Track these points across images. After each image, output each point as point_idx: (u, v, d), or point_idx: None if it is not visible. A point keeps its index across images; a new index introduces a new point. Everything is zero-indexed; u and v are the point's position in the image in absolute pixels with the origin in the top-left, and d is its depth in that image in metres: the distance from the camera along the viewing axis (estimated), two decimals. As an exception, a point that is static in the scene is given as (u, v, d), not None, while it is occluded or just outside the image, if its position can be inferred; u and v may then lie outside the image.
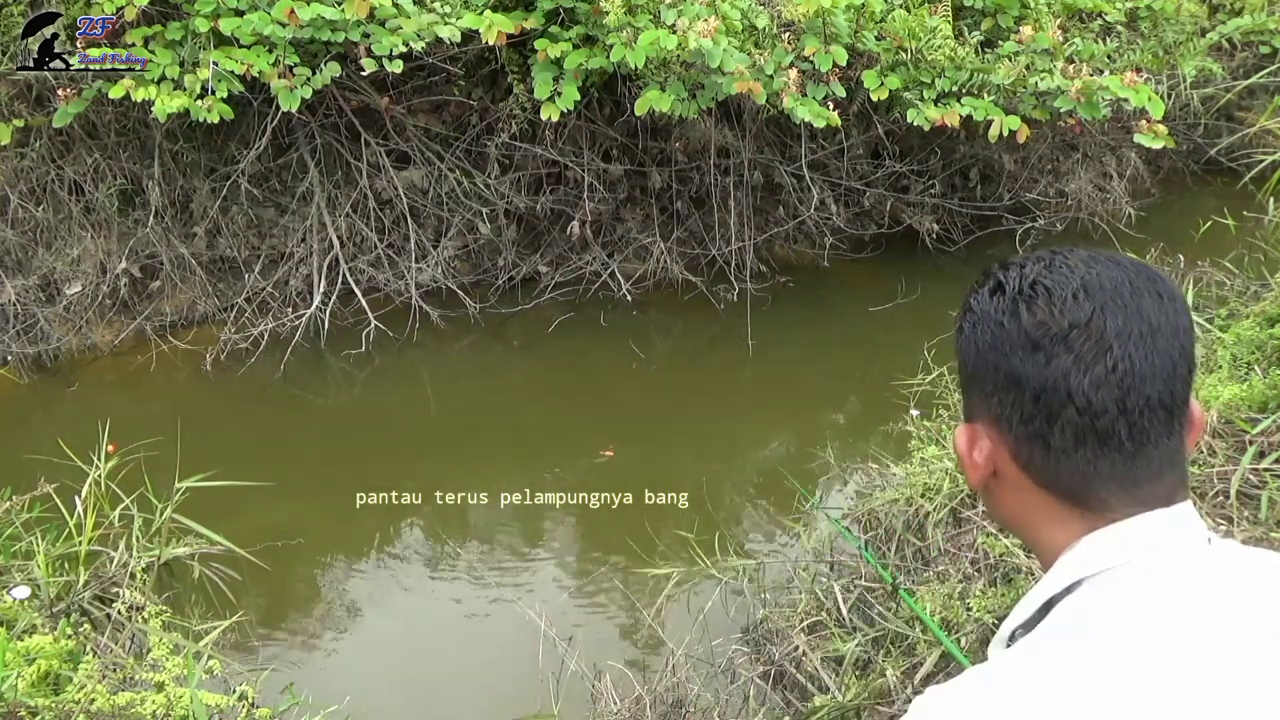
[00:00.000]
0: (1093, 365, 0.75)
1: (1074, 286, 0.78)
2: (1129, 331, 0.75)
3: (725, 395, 4.43)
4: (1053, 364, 0.76)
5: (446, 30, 3.85)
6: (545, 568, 3.40)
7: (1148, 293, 0.77)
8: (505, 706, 2.64)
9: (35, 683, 2.10)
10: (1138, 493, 0.77)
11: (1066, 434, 0.77)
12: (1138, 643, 0.71)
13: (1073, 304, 0.77)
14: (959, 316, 0.85)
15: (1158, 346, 0.76)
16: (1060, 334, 0.76)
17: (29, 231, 4.36)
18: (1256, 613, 0.73)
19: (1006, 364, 0.79)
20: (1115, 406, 0.75)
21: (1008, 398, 0.79)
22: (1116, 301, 0.76)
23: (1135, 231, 5.11)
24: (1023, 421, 0.78)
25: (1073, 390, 0.75)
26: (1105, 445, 0.76)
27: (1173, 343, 0.76)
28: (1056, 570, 0.79)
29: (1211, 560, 0.77)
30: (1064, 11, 4.68)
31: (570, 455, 4.01)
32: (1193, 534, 0.78)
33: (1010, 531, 0.90)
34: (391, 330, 4.53)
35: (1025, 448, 0.79)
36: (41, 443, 3.16)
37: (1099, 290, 0.77)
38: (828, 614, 2.57)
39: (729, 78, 3.84)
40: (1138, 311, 0.76)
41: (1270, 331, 2.87)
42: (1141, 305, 0.77)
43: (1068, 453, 0.77)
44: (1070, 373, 0.75)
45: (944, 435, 3.00)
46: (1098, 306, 0.76)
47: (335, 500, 3.71)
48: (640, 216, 5.03)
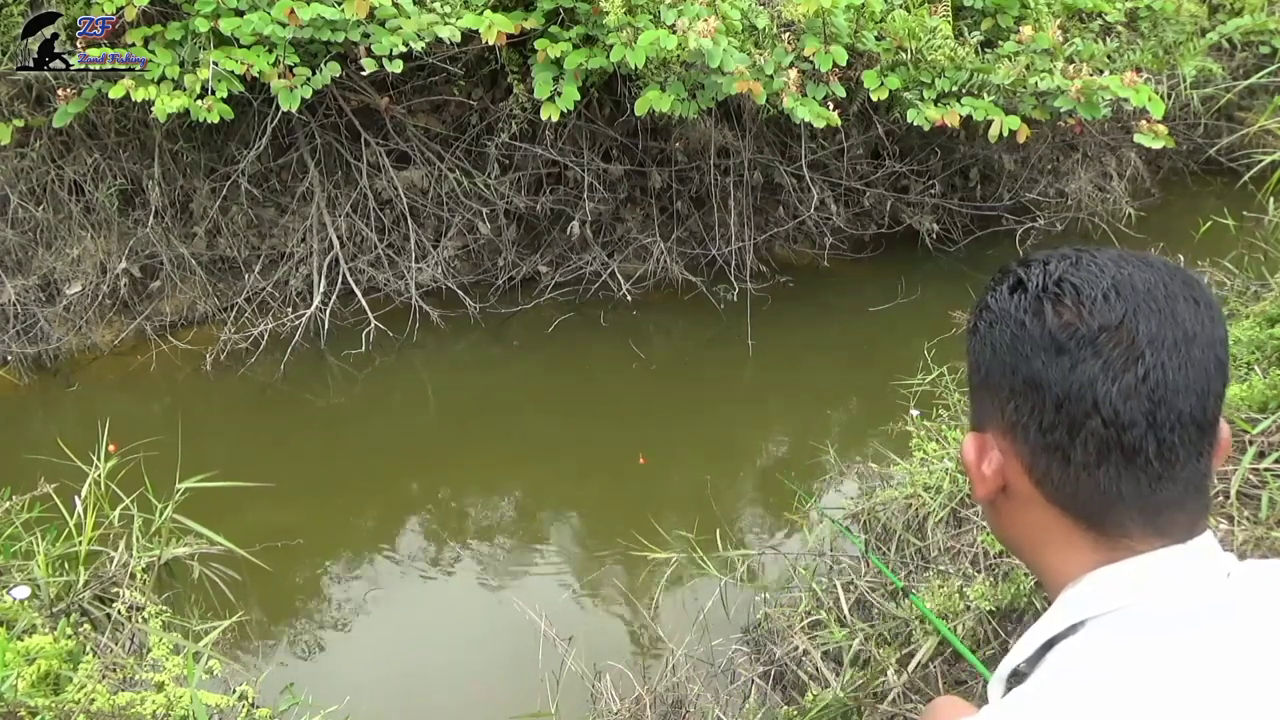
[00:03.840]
0: (1122, 373, 0.69)
1: (1104, 286, 0.71)
2: (1162, 338, 0.69)
3: (725, 395, 4.43)
4: (1078, 369, 0.70)
5: (446, 30, 3.85)
6: (545, 567, 3.40)
7: (1183, 298, 0.71)
8: (505, 706, 2.64)
9: (35, 683, 2.10)
10: (1158, 520, 0.72)
11: (1089, 448, 0.70)
12: (1137, 695, 0.66)
13: (1103, 305, 0.71)
14: (973, 315, 0.80)
15: (1192, 356, 0.69)
16: (1088, 336, 0.70)
17: (29, 231, 4.36)
18: (1272, 657, 0.68)
19: (1026, 367, 0.72)
20: (1145, 420, 0.69)
21: (1025, 404, 0.73)
22: (1150, 305, 0.70)
23: (1135, 231, 5.11)
24: (1041, 431, 0.72)
25: (1099, 399, 0.69)
26: (1131, 463, 0.70)
27: (1208, 354, 0.70)
28: (1059, 607, 0.74)
29: (1228, 598, 0.71)
30: (1064, 11, 4.68)
31: (570, 455, 4.01)
32: (1208, 570, 0.72)
33: (1014, 553, 0.83)
34: (391, 330, 4.54)
35: (1042, 461, 0.73)
36: (41, 443, 3.16)
37: (1131, 292, 0.71)
38: (828, 613, 2.57)
39: (729, 78, 3.84)
40: (1172, 317, 0.70)
41: (1270, 331, 2.87)
42: (1176, 310, 0.70)
43: (1089, 469, 0.71)
44: (1098, 380, 0.69)
45: (944, 435, 3.00)
46: (1130, 309, 0.70)
47: (335, 500, 3.71)
48: (640, 216, 5.03)
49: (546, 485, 3.86)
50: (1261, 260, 3.69)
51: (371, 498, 3.76)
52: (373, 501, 3.75)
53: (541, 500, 3.79)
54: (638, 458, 3.81)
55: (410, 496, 3.79)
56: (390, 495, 3.78)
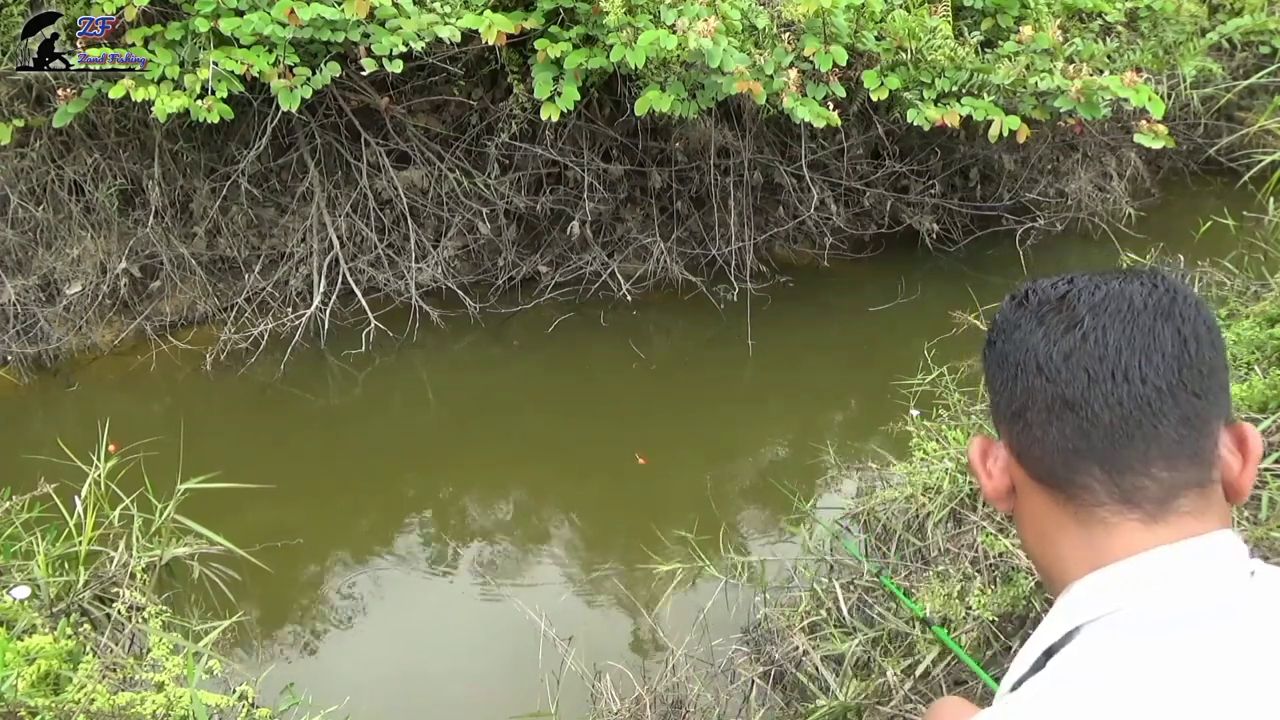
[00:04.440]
0: (1063, 335, 0.75)
1: (1061, 279, 0.80)
2: (1104, 307, 0.75)
3: (725, 395, 4.43)
4: (1025, 338, 0.77)
5: (446, 30, 3.85)
6: (545, 568, 3.40)
7: (1139, 282, 0.77)
8: (505, 706, 2.64)
9: (35, 683, 2.10)
10: (1122, 483, 0.74)
11: (1039, 405, 0.76)
12: (1128, 697, 0.66)
13: (1049, 288, 0.79)
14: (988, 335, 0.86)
15: (1139, 323, 0.74)
16: (1034, 310, 0.78)
17: (29, 231, 4.36)
18: (1271, 661, 0.66)
19: (993, 352, 0.81)
20: (1085, 374, 0.74)
21: (999, 385, 0.80)
22: (1097, 286, 0.77)
23: (1135, 231, 5.11)
24: (1008, 403, 0.79)
25: (1041, 360, 0.76)
26: (1078, 416, 0.74)
27: (1162, 324, 0.74)
28: (1054, 616, 0.75)
29: (1231, 599, 0.70)
30: (1064, 11, 4.68)
31: (570, 455, 4.01)
32: (1209, 571, 0.71)
33: (1035, 563, 0.84)
34: (391, 330, 4.54)
35: (1014, 433, 0.79)
36: (41, 443, 3.16)
37: (1084, 280, 0.78)
38: (827, 614, 2.57)
39: (729, 78, 3.84)
40: (1120, 293, 0.76)
41: (1270, 331, 2.87)
42: (1126, 289, 0.76)
43: (1044, 428, 0.76)
44: (1040, 344, 0.76)
45: (944, 435, 3.00)
46: (1075, 289, 0.77)
47: (335, 500, 3.72)
48: (640, 216, 5.03)
49: (546, 485, 3.86)
50: (1261, 260, 3.69)
51: (371, 497, 3.76)
52: (373, 501, 3.75)
53: (541, 500, 3.79)
54: (637, 458, 3.81)
55: (410, 496, 3.79)
56: (390, 495, 3.78)
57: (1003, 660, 2.30)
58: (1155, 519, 0.73)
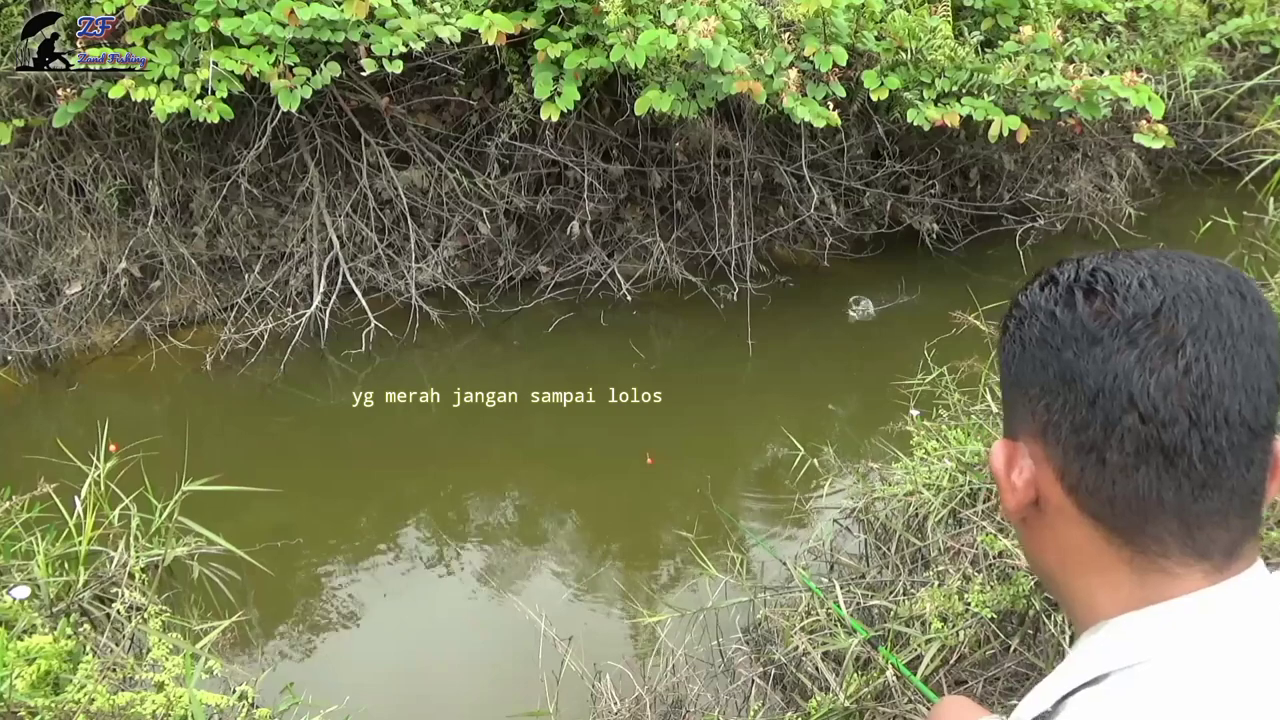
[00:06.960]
0: (1162, 365, 0.63)
1: (1140, 275, 0.66)
2: (1205, 329, 0.63)
3: (725, 395, 4.43)
4: (1113, 360, 0.64)
5: (446, 30, 3.85)
6: (545, 567, 3.40)
7: (1227, 290, 0.66)
8: (504, 706, 2.64)
9: (35, 683, 2.10)
10: (1198, 536, 0.65)
11: (1127, 447, 0.64)
12: None
13: (1139, 291, 0.65)
14: (1004, 318, 0.74)
15: (1239, 351, 0.63)
16: (1123, 324, 0.64)
17: (29, 231, 4.36)
18: None
19: (1057, 361, 0.67)
20: (1187, 417, 0.63)
21: (1057, 402, 0.67)
22: (1191, 296, 0.65)
23: (1135, 231, 5.11)
24: (1074, 430, 0.66)
25: (1136, 393, 0.63)
26: (1173, 465, 0.63)
27: (1257, 350, 0.64)
28: (1079, 657, 0.68)
29: (1270, 648, 0.64)
30: (1064, 11, 4.68)
31: (570, 455, 4.01)
32: (1250, 614, 0.65)
33: (1044, 580, 0.76)
34: (391, 330, 4.53)
35: (1076, 464, 0.67)
36: (41, 443, 3.16)
37: (1170, 282, 0.66)
38: (828, 613, 2.57)
39: (729, 78, 3.84)
40: (1216, 309, 0.64)
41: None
42: (1220, 303, 0.65)
43: (1126, 471, 0.64)
44: (1134, 372, 0.63)
45: (943, 434, 3.00)
46: (1168, 298, 0.65)
47: (335, 500, 3.71)
48: (640, 216, 5.03)
49: (546, 485, 3.86)
50: (1261, 260, 3.69)
51: (371, 497, 3.76)
52: (372, 501, 3.74)
53: (541, 500, 3.79)
54: (637, 458, 3.81)
55: (410, 496, 3.78)
56: (390, 495, 3.77)
57: (1002, 660, 2.31)
58: (1221, 570, 0.66)
